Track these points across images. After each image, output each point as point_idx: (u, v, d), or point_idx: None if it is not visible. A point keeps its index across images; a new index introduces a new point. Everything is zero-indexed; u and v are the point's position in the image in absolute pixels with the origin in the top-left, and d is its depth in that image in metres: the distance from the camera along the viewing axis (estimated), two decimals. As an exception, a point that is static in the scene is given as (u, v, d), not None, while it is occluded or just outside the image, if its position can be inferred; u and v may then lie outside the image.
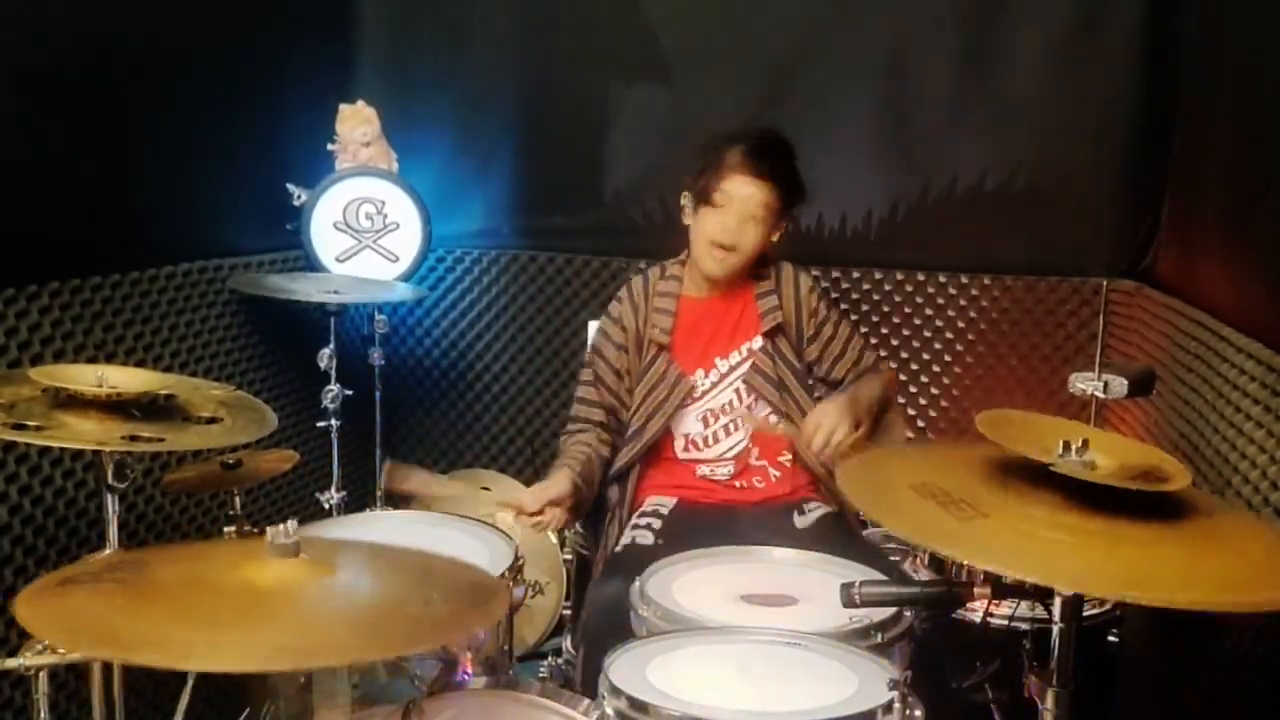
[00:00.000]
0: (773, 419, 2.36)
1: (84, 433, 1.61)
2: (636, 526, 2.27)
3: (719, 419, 2.37)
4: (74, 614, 1.24)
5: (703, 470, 2.38)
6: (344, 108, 3.08)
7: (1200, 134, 2.55)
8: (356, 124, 3.08)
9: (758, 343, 2.38)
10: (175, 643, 1.17)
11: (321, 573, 1.35)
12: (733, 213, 2.29)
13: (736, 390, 2.37)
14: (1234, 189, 2.33)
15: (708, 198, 2.31)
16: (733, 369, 2.38)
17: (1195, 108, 2.60)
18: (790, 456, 2.37)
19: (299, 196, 3.02)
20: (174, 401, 1.78)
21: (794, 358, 2.39)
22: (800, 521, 2.29)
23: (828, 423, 2.14)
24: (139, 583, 1.32)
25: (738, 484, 2.37)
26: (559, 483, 2.21)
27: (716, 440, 2.38)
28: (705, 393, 2.37)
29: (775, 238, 2.38)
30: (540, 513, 2.16)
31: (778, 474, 2.38)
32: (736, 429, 2.37)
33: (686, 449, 2.38)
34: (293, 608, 1.28)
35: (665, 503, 2.35)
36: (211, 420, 1.75)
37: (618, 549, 2.25)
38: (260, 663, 1.18)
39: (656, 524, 2.24)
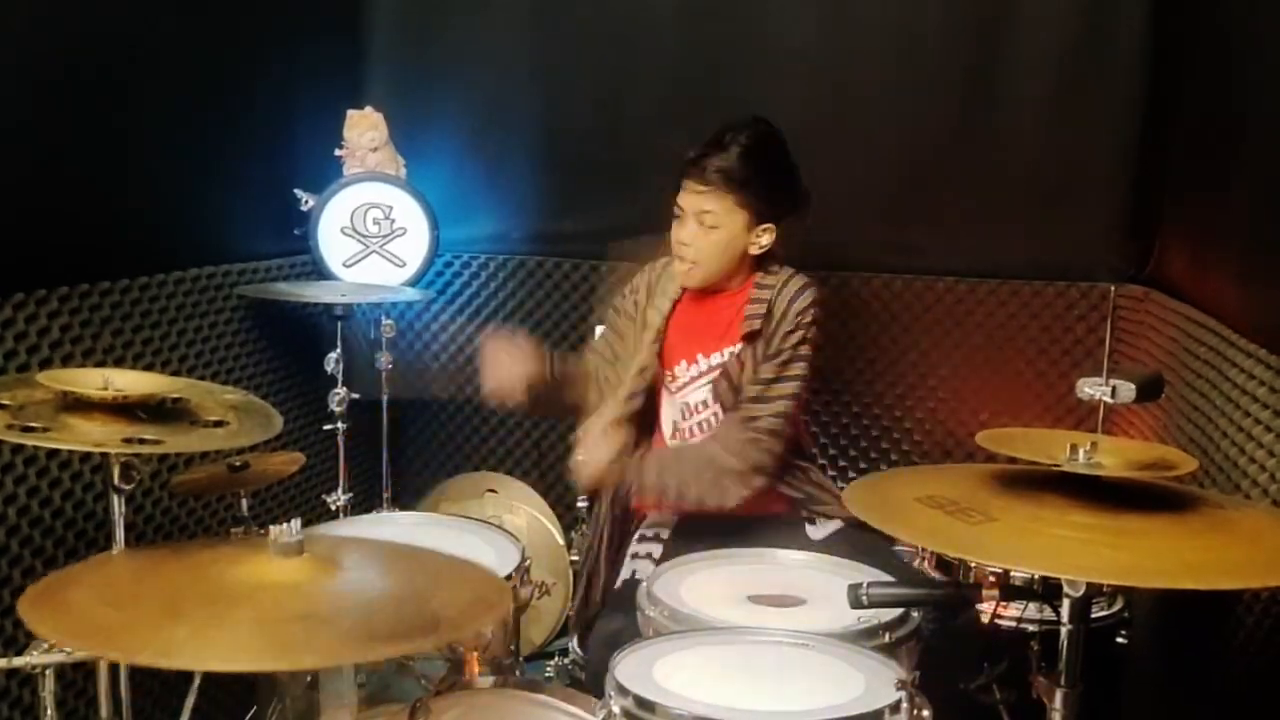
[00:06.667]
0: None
1: (85, 434, 1.61)
2: (636, 556, 2.23)
3: (694, 414, 2.34)
4: (76, 612, 1.25)
5: None
6: (352, 113, 3.09)
7: (1207, 137, 2.55)
8: (364, 129, 3.08)
9: (738, 347, 2.30)
10: (171, 641, 1.17)
11: (324, 572, 1.35)
12: (687, 222, 2.25)
13: (709, 390, 2.33)
14: (1242, 192, 2.33)
15: (673, 209, 2.27)
16: (711, 369, 2.32)
17: (1202, 111, 2.60)
18: None
19: (307, 202, 3.02)
20: (182, 405, 1.79)
21: (754, 369, 2.27)
22: (814, 533, 2.26)
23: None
24: (140, 580, 1.33)
25: None
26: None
27: (693, 434, 2.35)
28: (684, 386, 2.33)
29: (756, 248, 2.27)
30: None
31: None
32: (705, 430, 2.34)
33: (674, 436, 2.38)
34: (293, 605, 1.28)
35: (665, 522, 2.32)
36: (218, 424, 1.76)
37: (617, 585, 2.21)
38: (255, 662, 1.19)
39: (657, 551, 2.21)
